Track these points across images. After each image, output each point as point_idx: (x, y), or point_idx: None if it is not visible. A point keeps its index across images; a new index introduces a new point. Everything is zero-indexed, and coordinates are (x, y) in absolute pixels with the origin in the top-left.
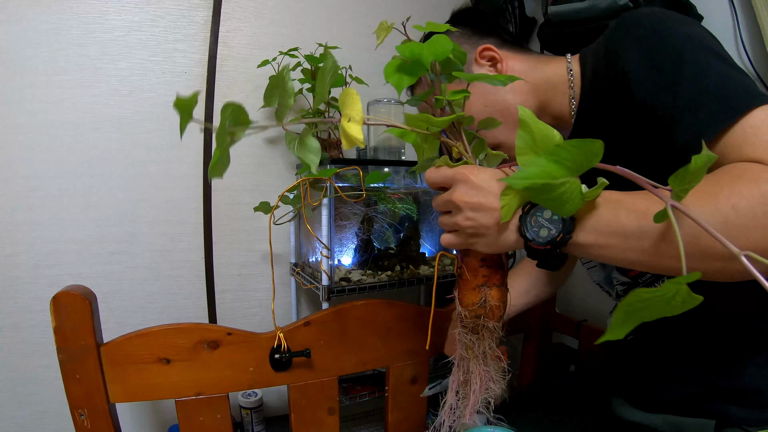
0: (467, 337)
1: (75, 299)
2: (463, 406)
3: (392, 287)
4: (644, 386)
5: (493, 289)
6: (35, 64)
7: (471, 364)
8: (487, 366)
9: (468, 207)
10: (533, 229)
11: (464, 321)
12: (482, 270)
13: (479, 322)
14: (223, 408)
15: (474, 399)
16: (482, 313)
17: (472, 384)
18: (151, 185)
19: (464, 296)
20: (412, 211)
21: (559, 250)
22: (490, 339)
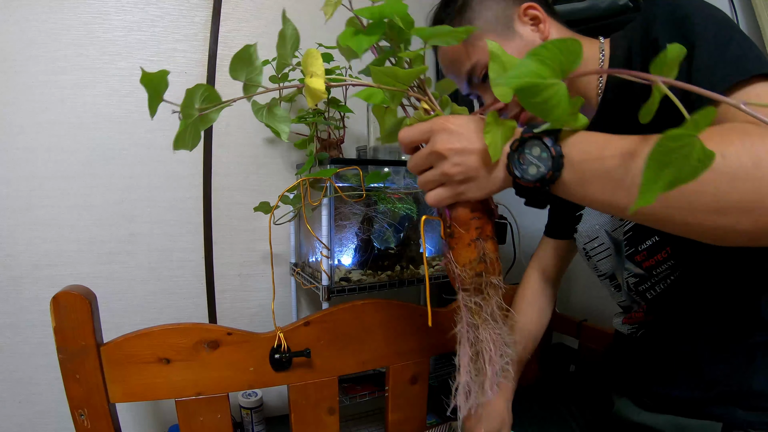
0: (471, 301)
1: (75, 299)
2: (479, 382)
3: (392, 287)
4: (650, 386)
5: (488, 242)
6: (35, 64)
7: (480, 331)
8: (498, 328)
9: (453, 153)
10: (522, 167)
11: (465, 284)
12: (474, 222)
13: (482, 280)
14: (223, 408)
15: (492, 370)
16: (483, 270)
17: (484, 354)
18: (151, 185)
19: (460, 255)
20: (412, 211)
21: (548, 188)
22: (497, 296)
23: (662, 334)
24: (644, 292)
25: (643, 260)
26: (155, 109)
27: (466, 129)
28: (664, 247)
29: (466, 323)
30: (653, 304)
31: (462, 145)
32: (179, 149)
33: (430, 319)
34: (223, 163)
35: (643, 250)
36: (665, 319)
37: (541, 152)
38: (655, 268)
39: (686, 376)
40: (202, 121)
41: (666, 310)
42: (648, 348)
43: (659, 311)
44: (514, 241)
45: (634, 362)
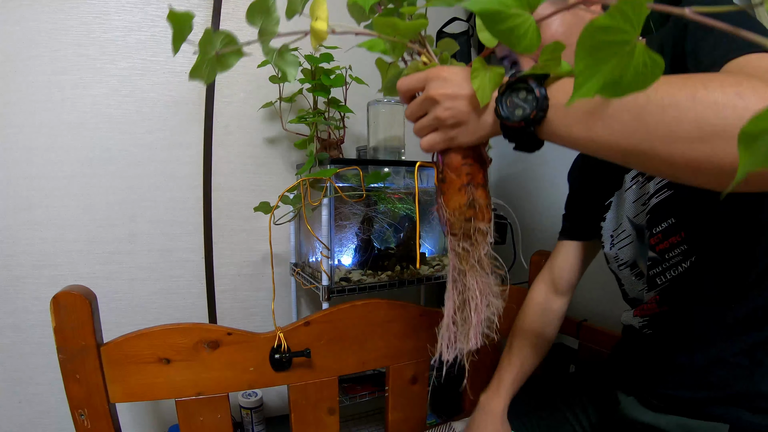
0: (460, 246)
1: (75, 299)
2: (464, 332)
3: (392, 287)
4: (656, 387)
5: (479, 189)
6: (35, 64)
7: (468, 278)
8: (485, 276)
9: (445, 98)
10: (508, 109)
11: (454, 229)
12: (465, 168)
13: (471, 225)
14: (223, 408)
15: (477, 318)
16: (472, 215)
17: (470, 302)
18: (151, 185)
19: (450, 199)
20: (412, 211)
21: (533, 129)
22: (485, 243)
23: (671, 330)
24: (654, 277)
25: (657, 243)
26: (178, 47)
27: (458, 77)
28: (680, 231)
29: (453, 269)
30: (665, 293)
31: (454, 91)
32: (195, 79)
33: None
34: (223, 163)
35: (658, 233)
36: (676, 312)
37: (527, 95)
38: (668, 252)
39: (693, 377)
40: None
41: (677, 301)
42: (656, 346)
43: (671, 302)
44: (514, 241)
45: (642, 361)
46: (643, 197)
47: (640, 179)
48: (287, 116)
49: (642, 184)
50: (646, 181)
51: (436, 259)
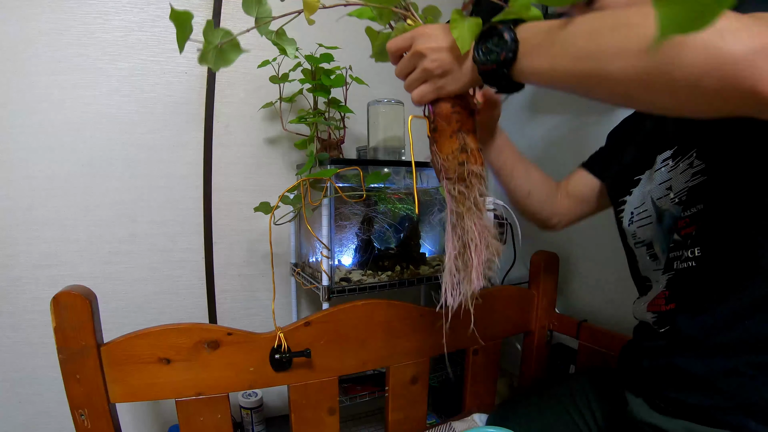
0: (456, 189)
1: (75, 299)
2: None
3: (392, 287)
4: (664, 390)
5: (469, 135)
6: (35, 64)
7: (465, 220)
8: (482, 218)
9: (431, 51)
10: (483, 54)
11: (449, 173)
12: (455, 116)
13: (464, 168)
14: (223, 408)
15: (478, 259)
16: (465, 159)
17: (470, 244)
18: (151, 185)
19: (443, 146)
20: (412, 211)
21: (506, 70)
22: (479, 185)
23: (681, 333)
24: (673, 260)
25: (684, 227)
26: (183, 46)
27: (441, 32)
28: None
29: (451, 213)
30: (674, 286)
31: (438, 44)
32: (202, 64)
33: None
34: (223, 163)
35: (686, 217)
36: (684, 308)
37: (498, 40)
38: (690, 237)
39: (702, 383)
40: (221, 57)
41: (685, 296)
42: (665, 349)
43: (679, 296)
44: (514, 241)
45: (651, 363)
46: (670, 181)
47: (671, 163)
48: (287, 116)
49: (671, 168)
50: (676, 164)
51: (436, 259)
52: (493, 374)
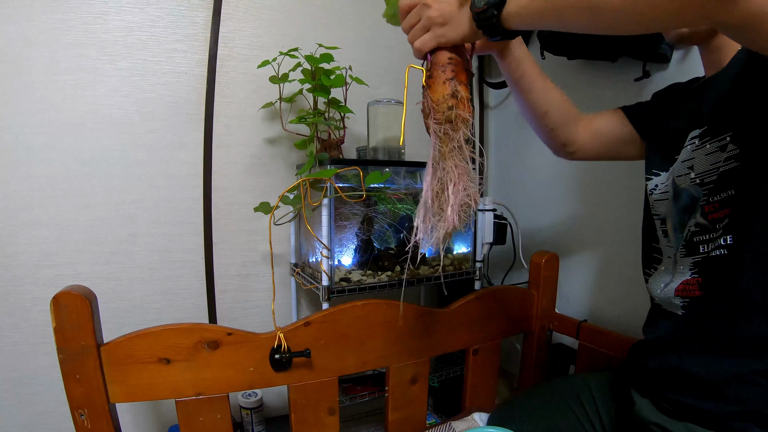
0: (441, 129)
1: (75, 299)
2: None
3: (392, 287)
4: (670, 392)
5: (461, 85)
6: (35, 64)
7: (447, 161)
8: (464, 161)
9: (434, 1)
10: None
11: (437, 114)
12: (449, 66)
13: (453, 113)
14: (223, 408)
15: (454, 198)
16: (454, 104)
17: (448, 183)
18: (151, 185)
19: (435, 91)
20: (412, 212)
21: (496, 11)
22: (465, 129)
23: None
24: (698, 244)
25: (711, 211)
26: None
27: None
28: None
29: (434, 151)
30: (705, 273)
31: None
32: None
33: None
34: (223, 163)
35: (714, 202)
36: (714, 298)
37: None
38: (720, 222)
39: (708, 388)
40: None
41: (716, 286)
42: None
43: (710, 285)
44: (514, 242)
45: (658, 364)
46: (692, 161)
47: (697, 142)
48: (287, 116)
49: (696, 147)
50: (702, 144)
51: (436, 259)
52: (493, 374)
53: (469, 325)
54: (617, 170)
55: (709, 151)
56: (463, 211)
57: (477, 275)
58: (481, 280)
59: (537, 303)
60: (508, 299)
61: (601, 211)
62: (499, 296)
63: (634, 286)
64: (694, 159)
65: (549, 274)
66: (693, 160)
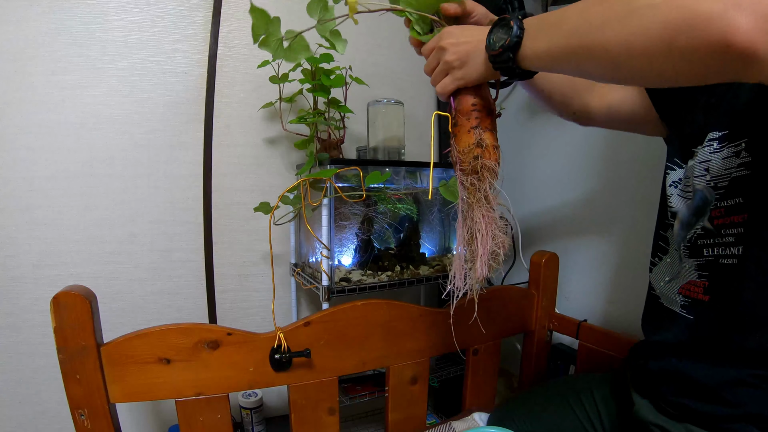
0: (468, 180)
1: (75, 299)
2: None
3: (392, 287)
4: (670, 394)
5: (486, 132)
6: (35, 64)
7: (474, 211)
8: (491, 210)
9: (451, 45)
10: (493, 41)
11: (463, 165)
12: (474, 113)
13: (478, 162)
14: (223, 408)
15: (483, 249)
16: (479, 153)
17: (477, 234)
18: (151, 185)
19: (460, 140)
20: (412, 212)
21: (512, 55)
22: (491, 179)
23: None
24: (702, 248)
25: (718, 216)
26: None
27: (461, 30)
28: (744, 212)
29: (462, 202)
30: (712, 278)
31: (458, 40)
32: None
33: None
34: (223, 163)
35: (721, 207)
36: (718, 305)
37: (507, 29)
38: (726, 228)
39: (708, 391)
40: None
41: (723, 294)
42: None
43: (716, 291)
44: (514, 242)
45: (658, 366)
46: (709, 162)
47: (716, 145)
48: (287, 116)
49: (715, 150)
50: (721, 148)
51: (436, 259)
52: (493, 374)
53: (469, 325)
54: (617, 170)
55: (725, 155)
56: (492, 260)
57: None
58: None
59: (537, 303)
60: (508, 299)
61: (601, 210)
62: (499, 296)
63: (634, 286)
64: (711, 161)
65: (549, 274)
66: (710, 163)
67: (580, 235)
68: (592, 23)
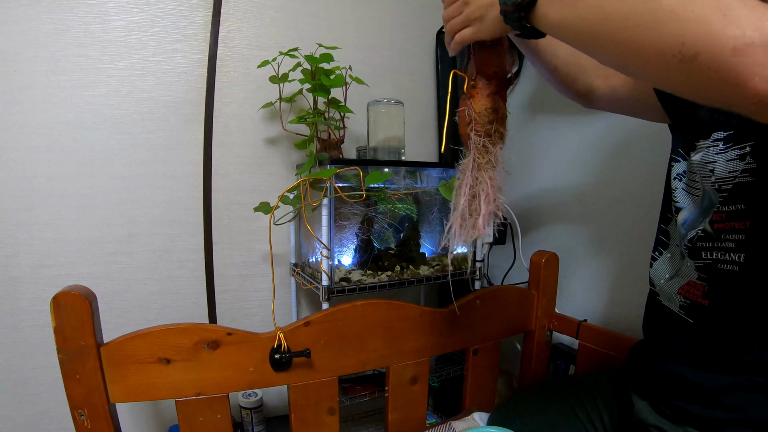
0: (481, 141)
1: (75, 299)
2: (472, 222)
3: (392, 287)
4: (669, 397)
5: (502, 101)
6: (35, 64)
7: (482, 172)
8: (496, 175)
9: None
10: None
11: (477, 126)
12: (495, 80)
13: (492, 127)
14: (223, 408)
15: (486, 208)
16: (494, 119)
17: (481, 194)
18: (151, 185)
19: (479, 102)
20: (412, 212)
21: (523, 14)
22: (501, 144)
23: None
24: (701, 250)
25: (718, 221)
26: None
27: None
28: (746, 219)
29: (473, 162)
30: (712, 283)
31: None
32: None
33: None
34: (223, 163)
35: (722, 212)
36: (718, 312)
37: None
38: (726, 233)
39: (707, 395)
40: None
41: (724, 301)
42: (674, 358)
43: (716, 297)
44: (514, 241)
45: (658, 369)
46: (715, 164)
47: (721, 146)
48: (287, 116)
49: (720, 151)
50: (726, 149)
51: (436, 259)
52: (493, 374)
53: (469, 325)
54: (618, 169)
55: (730, 158)
56: (492, 218)
57: (477, 275)
58: (481, 280)
59: (537, 303)
60: (508, 299)
61: (602, 210)
62: (499, 296)
63: (635, 286)
64: (716, 163)
65: (549, 274)
66: (715, 164)
67: (580, 234)
68: (610, 16)
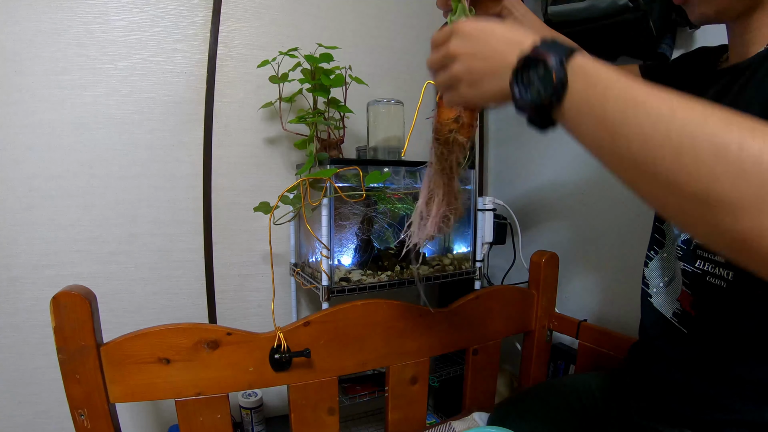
0: (439, 149)
1: (75, 299)
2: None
3: (392, 287)
4: (665, 400)
5: (467, 111)
6: (35, 64)
7: (437, 176)
8: (451, 180)
9: (465, 56)
10: (523, 85)
11: (438, 135)
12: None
13: (451, 136)
14: (223, 408)
15: (436, 210)
16: (455, 128)
17: (435, 197)
18: (151, 185)
19: (441, 113)
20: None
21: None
22: (459, 153)
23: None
24: (697, 257)
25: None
26: None
27: (481, 34)
28: None
29: (430, 167)
30: (699, 295)
31: (474, 51)
32: None
33: None
34: (223, 163)
35: None
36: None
37: (544, 72)
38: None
39: (701, 398)
40: None
41: (711, 315)
42: (669, 362)
43: (704, 310)
44: (514, 241)
45: (654, 373)
46: None
47: None
48: (287, 116)
49: None
50: None
51: (436, 259)
52: (493, 374)
53: (469, 325)
54: None
55: None
56: (443, 223)
57: (477, 275)
58: (481, 280)
59: (537, 303)
60: (508, 299)
61: (602, 210)
62: (499, 296)
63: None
64: None
65: (549, 273)
66: None
67: (580, 234)
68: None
